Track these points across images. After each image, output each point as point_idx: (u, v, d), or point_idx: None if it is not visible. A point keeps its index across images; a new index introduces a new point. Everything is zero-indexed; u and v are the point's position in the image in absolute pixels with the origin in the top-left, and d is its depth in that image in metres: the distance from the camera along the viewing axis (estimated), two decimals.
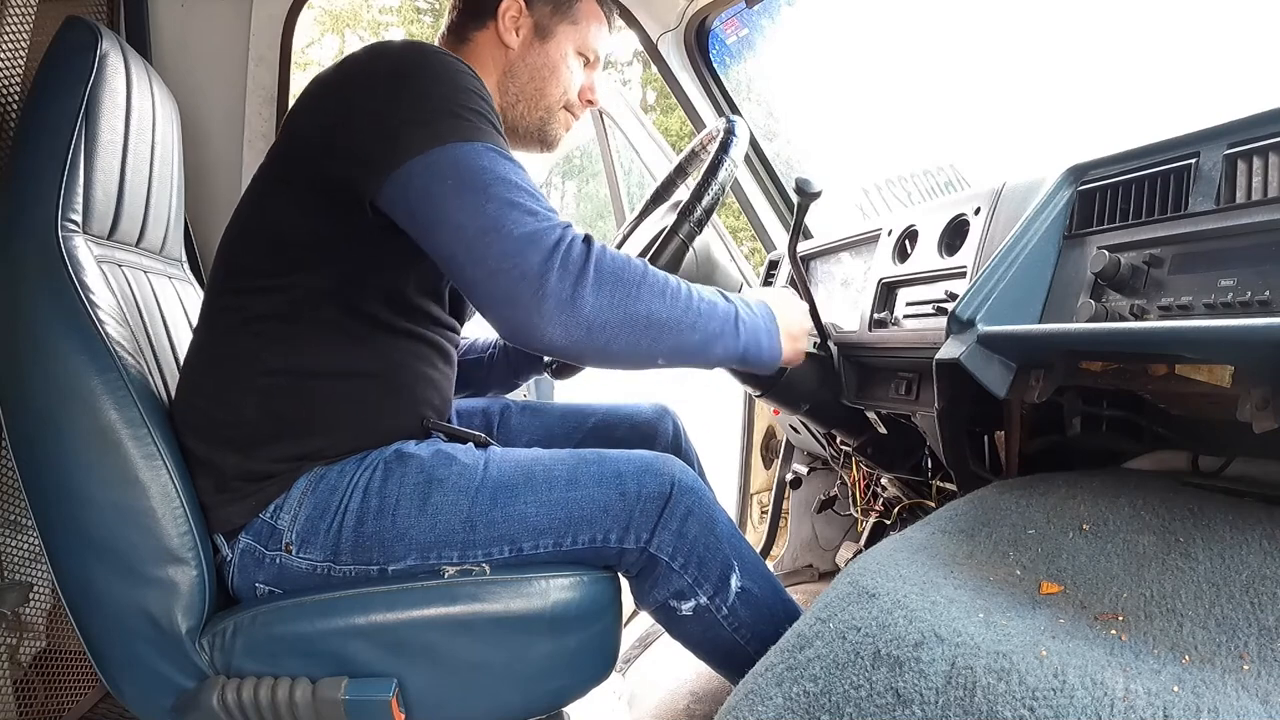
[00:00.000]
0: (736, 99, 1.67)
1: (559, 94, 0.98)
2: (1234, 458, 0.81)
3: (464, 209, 0.68)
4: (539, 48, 0.96)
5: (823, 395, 1.13)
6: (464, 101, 0.74)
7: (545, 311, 0.68)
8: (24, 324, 0.76)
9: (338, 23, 11.32)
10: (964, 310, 0.77)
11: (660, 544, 0.81)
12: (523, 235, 0.67)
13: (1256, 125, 0.66)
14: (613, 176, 2.05)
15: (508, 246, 0.67)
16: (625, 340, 0.72)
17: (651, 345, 0.74)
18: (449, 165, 0.70)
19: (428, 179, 0.70)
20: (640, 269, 0.73)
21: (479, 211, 0.68)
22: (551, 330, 0.69)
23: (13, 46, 0.91)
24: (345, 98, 0.77)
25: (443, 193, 0.69)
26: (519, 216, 0.68)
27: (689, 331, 0.75)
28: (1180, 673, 0.47)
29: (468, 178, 0.69)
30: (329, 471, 0.81)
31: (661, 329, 0.73)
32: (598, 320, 0.69)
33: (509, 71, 0.96)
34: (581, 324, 0.69)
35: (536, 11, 0.96)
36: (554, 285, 0.67)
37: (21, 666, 0.97)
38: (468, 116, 0.73)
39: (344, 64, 0.81)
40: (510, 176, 0.70)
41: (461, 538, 0.79)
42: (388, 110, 0.73)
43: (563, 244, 0.69)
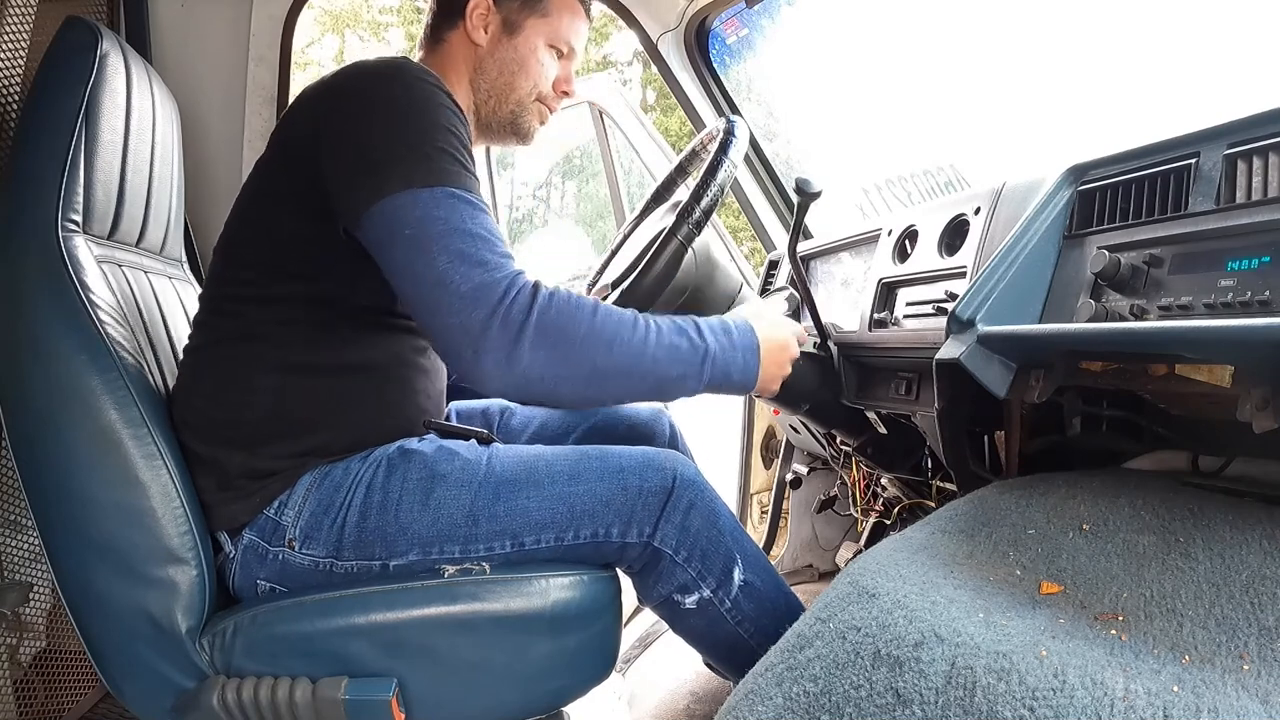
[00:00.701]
0: (736, 99, 1.67)
1: (529, 88, 0.98)
2: (1234, 458, 0.81)
3: (418, 260, 0.71)
4: (507, 43, 0.96)
5: (823, 395, 1.13)
6: (435, 139, 0.75)
7: (484, 366, 0.71)
8: (24, 324, 0.76)
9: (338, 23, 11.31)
10: (964, 310, 0.77)
11: (664, 537, 0.81)
12: (468, 291, 0.70)
13: (1256, 125, 0.66)
14: (613, 176, 2.05)
15: (454, 302, 0.70)
16: (567, 392, 0.74)
17: (597, 394, 0.76)
18: (408, 213, 0.72)
19: (389, 226, 0.72)
20: (587, 321, 0.73)
21: (431, 264, 0.70)
22: (491, 384, 0.72)
23: (13, 46, 0.91)
24: (329, 120, 0.78)
25: (400, 242, 0.72)
26: (467, 270, 0.70)
27: (639, 380, 0.76)
28: (1180, 673, 0.47)
29: (424, 228, 0.71)
30: (334, 468, 0.81)
31: (606, 380, 0.75)
32: (535, 375, 0.72)
33: (479, 68, 0.97)
34: (519, 379, 0.72)
35: (504, 7, 0.96)
36: (493, 342, 0.70)
37: (21, 666, 0.97)
38: (435, 157, 0.74)
39: (331, 82, 0.82)
40: (465, 225, 0.72)
41: (464, 532, 0.79)
42: (362, 145, 0.75)
43: (506, 299, 0.70)
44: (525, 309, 0.71)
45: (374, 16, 11.65)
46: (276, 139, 0.84)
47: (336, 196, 0.76)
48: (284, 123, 0.83)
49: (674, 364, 0.77)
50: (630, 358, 0.74)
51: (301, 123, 0.81)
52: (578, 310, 0.73)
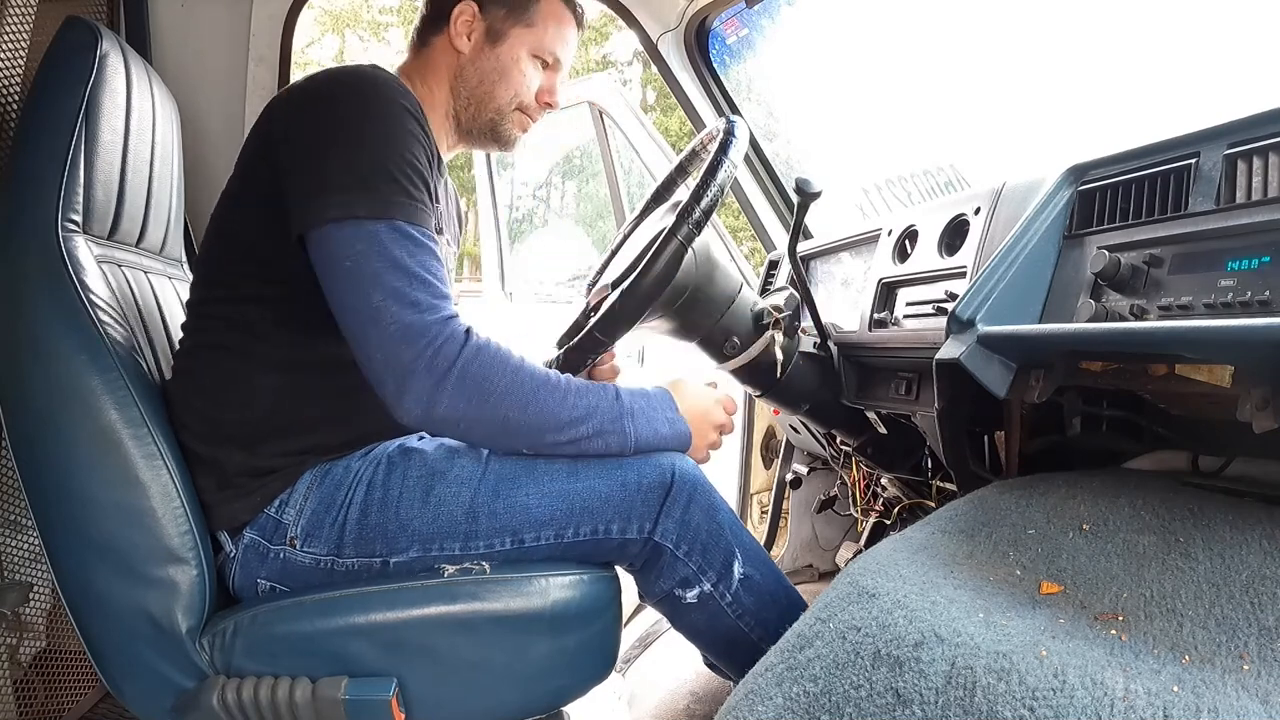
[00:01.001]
0: (736, 99, 1.67)
1: (509, 97, 0.98)
2: (1234, 458, 0.81)
3: (354, 293, 0.73)
4: (489, 52, 0.96)
5: (823, 395, 1.13)
6: (390, 166, 0.75)
7: (403, 405, 0.74)
8: (24, 324, 0.76)
9: (338, 23, 11.31)
10: (964, 310, 0.77)
11: (664, 532, 0.81)
12: (398, 331, 0.72)
13: (1256, 125, 0.66)
14: (613, 176, 2.05)
15: (383, 339, 0.72)
16: (480, 436, 0.79)
17: (510, 443, 0.80)
18: (350, 244, 0.73)
19: (331, 253, 0.74)
20: (509, 377, 0.75)
21: (365, 299, 0.72)
22: (409, 421, 0.75)
23: (13, 46, 0.91)
24: (293, 127, 0.79)
25: (339, 272, 0.73)
26: (399, 311, 0.72)
27: (551, 434, 0.79)
28: (1180, 673, 0.47)
29: (363, 262, 0.72)
30: (334, 466, 0.82)
31: (516, 433, 0.78)
32: (451, 418, 0.75)
33: (460, 75, 0.97)
34: (435, 420, 0.75)
35: (490, 15, 0.95)
36: (415, 384, 0.73)
37: (21, 666, 0.97)
38: (386, 188, 0.74)
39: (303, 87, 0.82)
40: (405, 262, 0.73)
41: (464, 529, 0.79)
42: (318, 161, 0.75)
43: (434, 344, 0.72)
44: (452, 357, 0.73)
45: (374, 16, 11.65)
46: (253, 139, 0.83)
47: (294, 206, 0.76)
48: (258, 125, 0.83)
49: (589, 423, 0.80)
50: (543, 416, 0.77)
51: (272, 128, 0.81)
52: (502, 365, 0.76)
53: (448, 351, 0.73)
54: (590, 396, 0.80)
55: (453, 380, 0.73)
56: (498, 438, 0.79)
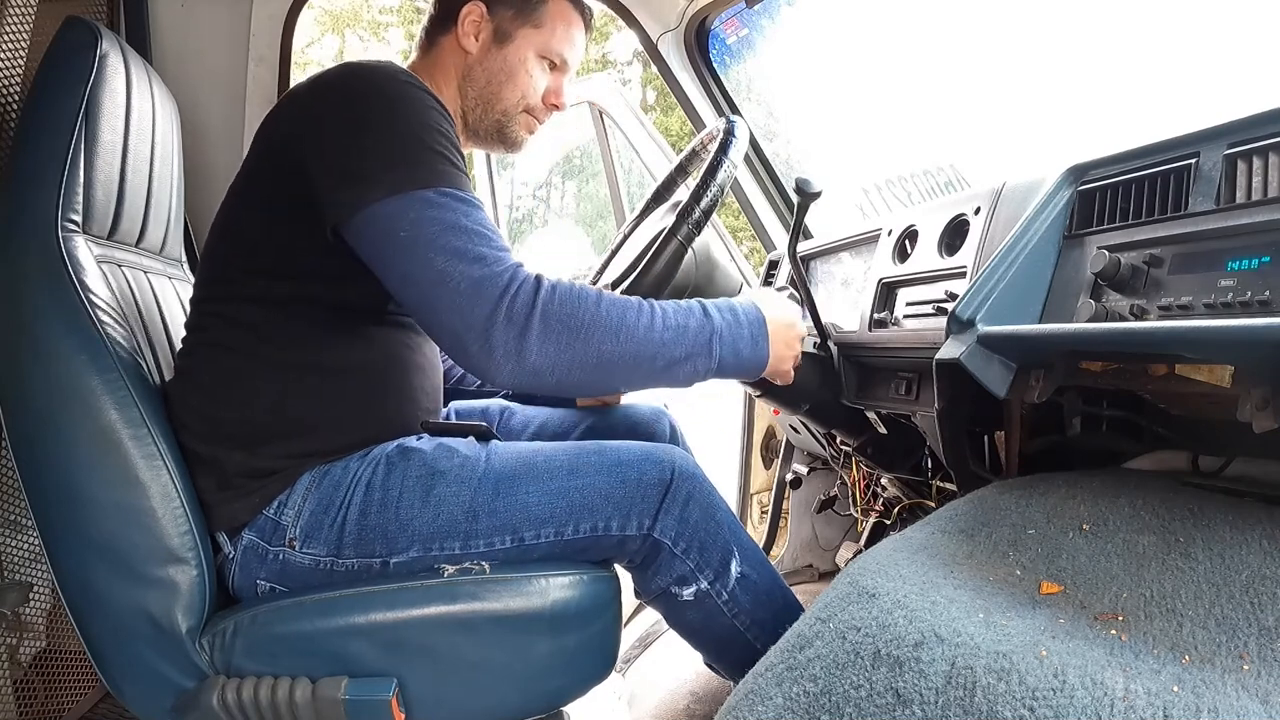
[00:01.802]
0: (736, 99, 1.67)
1: (516, 98, 0.98)
2: (1234, 458, 0.81)
3: (414, 261, 0.71)
4: (497, 52, 0.96)
5: (823, 395, 1.13)
6: (426, 140, 0.75)
7: (493, 362, 0.70)
8: (24, 324, 0.76)
9: (338, 23, 11.31)
10: (964, 310, 0.77)
11: (663, 529, 0.82)
12: (468, 288, 0.70)
13: (1256, 125, 0.66)
14: (613, 176, 2.05)
15: (455, 300, 0.70)
16: (576, 381, 0.74)
17: (605, 382, 0.76)
18: (402, 216, 0.71)
19: (382, 228, 0.72)
20: (591, 309, 0.73)
21: (428, 264, 0.70)
22: (500, 378, 0.72)
23: (13, 46, 0.91)
24: (315, 121, 0.78)
25: (396, 245, 0.71)
26: (465, 268, 0.70)
27: (647, 364, 0.75)
28: (1180, 673, 0.47)
29: (419, 229, 0.71)
30: (333, 467, 0.82)
31: (614, 367, 0.74)
32: (544, 367, 0.72)
33: (467, 75, 0.97)
34: (528, 371, 0.71)
35: (498, 16, 0.95)
36: (499, 338, 0.70)
37: (21, 666, 0.97)
38: (427, 159, 0.74)
39: (319, 84, 0.81)
40: (460, 222, 0.72)
41: (464, 528, 0.79)
42: (353, 146, 0.74)
43: (508, 293, 0.70)
44: (529, 302, 0.70)
45: (374, 16, 11.65)
46: (263, 138, 0.83)
47: (324, 199, 0.75)
48: (270, 121, 0.83)
49: (681, 345, 0.76)
50: (637, 343, 0.74)
51: (288, 122, 0.81)
52: (581, 300, 0.73)
53: (524, 297, 0.70)
54: (680, 316, 0.78)
55: (536, 325, 0.70)
56: (597, 376, 0.75)
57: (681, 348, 0.76)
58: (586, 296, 0.74)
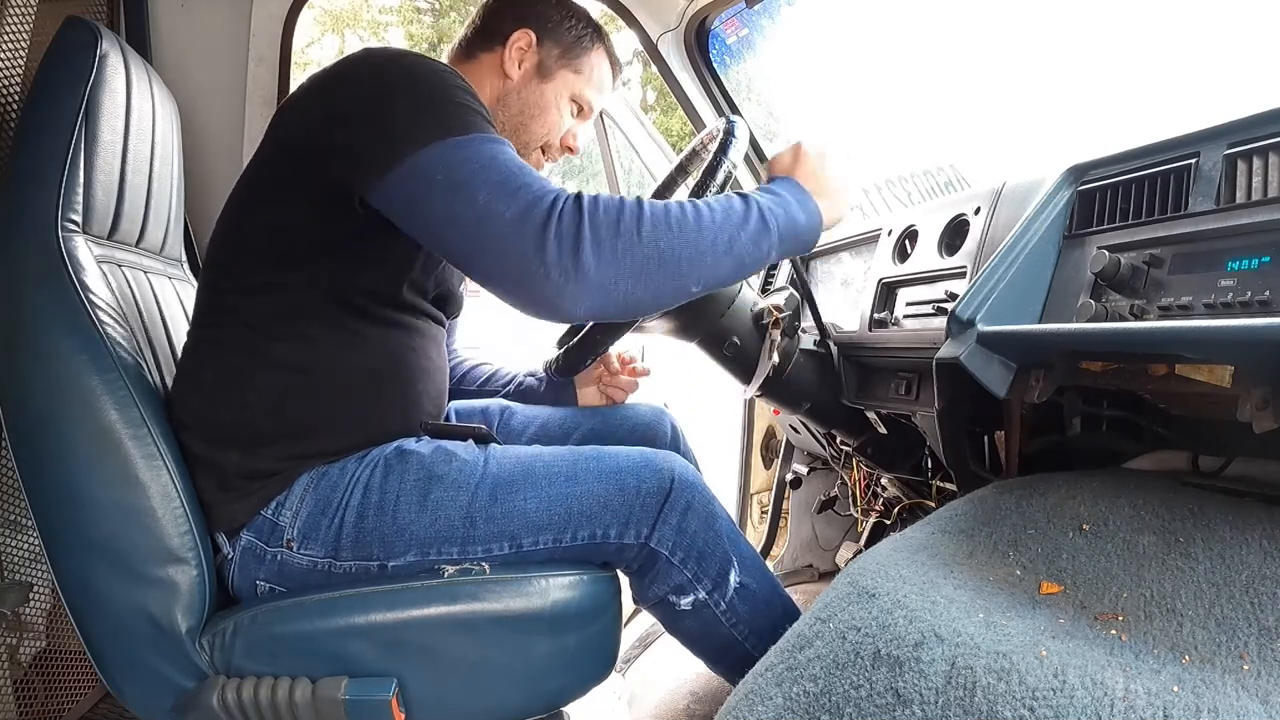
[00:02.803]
0: (736, 99, 1.67)
1: (541, 134, 0.99)
2: (1234, 458, 0.81)
3: (458, 202, 0.69)
4: (536, 85, 0.97)
5: (823, 395, 1.13)
6: (450, 96, 0.75)
7: (554, 287, 0.67)
8: (24, 324, 0.76)
9: (338, 23, 11.30)
10: (964, 310, 0.77)
11: (660, 539, 0.81)
12: (514, 216, 0.67)
13: (1256, 125, 0.66)
14: (613, 176, 2.05)
15: (503, 229, 0.67)
16: (646, 287, 0.70)
17: (676, 281, 0.71)
18: (438, 162, 0.70)
19: (420, 178, 0.70)
20: (635, 209, 0.70)
21: (471, 202, 0.68)
22: (567, 304, 0.68)
23: (13, 46, 0.91)
24: (336, 99, 0.78)
25: (435, 189, 0.69)
26: (508, 199, 0.68)
27: (710, 250, 0.72)
28: (1180, 673, 0.47)
29: (457, 171, 0.69)
30: (330, 469, 0.81)
31: (679, 262, 0.71)
32: (608, 279, 0.68)
33: (501, 100, 0.97)
34: (593, 288, 0.68)
35: (545, 50, 0.96)
36: (553, 259, 0.67)
37: (21, 666, 0.96)
38: (453, 111, 0.74)
39: (336, 67, 0.81)
40: (498, 158, 0.71)
41: (461, 534, 0.79)
42: (379, 110, 0.74)
43: (554, 214, 0.68)
44: (575, 218, 0.68)
45: (374, 16, 11.64)
46: (276, 129, 0.82)
47: (354, 167, 0.74)
48: (284, 112, 0.82)
49: (733, 225, 0.73)
50: (693, 231, 0.71)
51: (306, 109, 0.80)
52: (623, 208, 0.70)
53: (569, 214, 0.68)
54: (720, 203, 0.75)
55: (587, 238, 0.67)
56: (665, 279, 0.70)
57: (736, 227, 0.73)
58: (628, 205, 0.71)
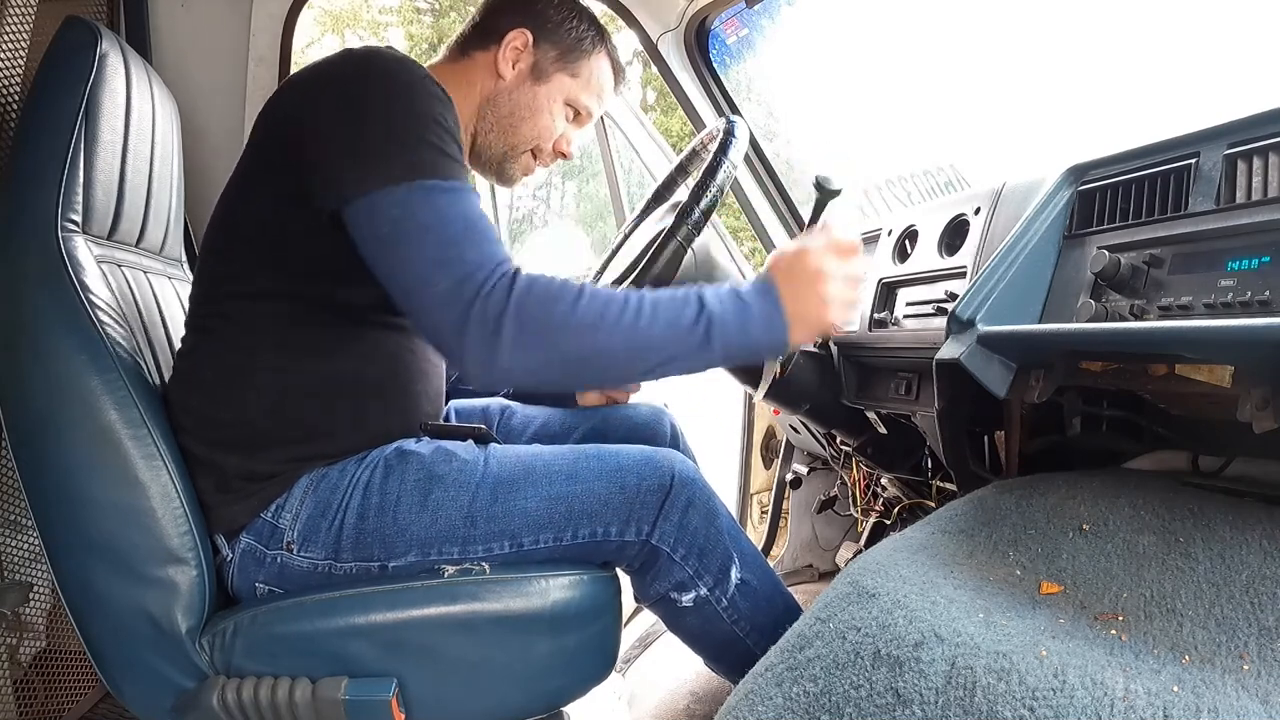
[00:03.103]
0: (736, 99, 1.67)
1: (531, 137, 0.97)
2: (1234, 458, 0.81)
3: (397, 258, 0.70)
4: (529, 87, 0.95)
5: (823, 395, 1.13)
6: (421, 130, 0.74)
7: (467, 364, 0.70)
8: (24, 324, 0.76)
9: (338, 23, 11.29)
10: (964, 310, 0.77)
11: (662, 535, 0.81)
12: (444, 290, 0.69)
13: (1256, 125, 0.66)
14: (613, 176, 2.05)
15: (432, 302, 0.69)
16: (555, 379, 0.73)
17: (587, 380, 0.75)
18: (388, 209, 0.70)
19: (369, 224, 0.71)
20: (568, 306, 0.70)
21: (408, 265, 0.70)
22: (479, 379, 0.71)
23: (13, 46, 0.91)
24: (314, 107, 0.77)
25: (379, 241, 0.71)
26: (442, 269, 0.69)
27: (634, 361, 0.72)
28: (1180, 673, 0.47)
29: (401, 226, 0.70)
30: (330, 470, 0.81)
31: (592, 365, 0.72)
32: (518, 368, 0.70)
33: (492, 99, 0.95)
34: (501, 372, 0.70)
35: (541, 51, 0.94)
36: (471, 341, 0.69)
37: (21, 666, 0.96)
38: (419, 150, 0.73)
39: (316, 69, 0.80)
40: (445, 217, 0.71)
41: (462, 533, 0.79)
42: (350, 133, 0.74)
43: (482, 293, 0.69)
44: (501, 302, 0.69)
45: (374, 16, 11.64)
46: (261, 127, 0.82)
47: (322, 185, 0.74)
48: (269, 110, 0.82)
49: (672, 342, 0.72)
50: (620, 341, 0.71)
51: (286, 109, 0.80)
52: (558, 297, 0.70)
53: (496, 297, 0.69)
54: (671, 309, 0.73)
55: (508, 327, 0.68)
56: (575, 375, 0.73)
57: (674, 344, 0.72)
58: (565, 294, 0.71)
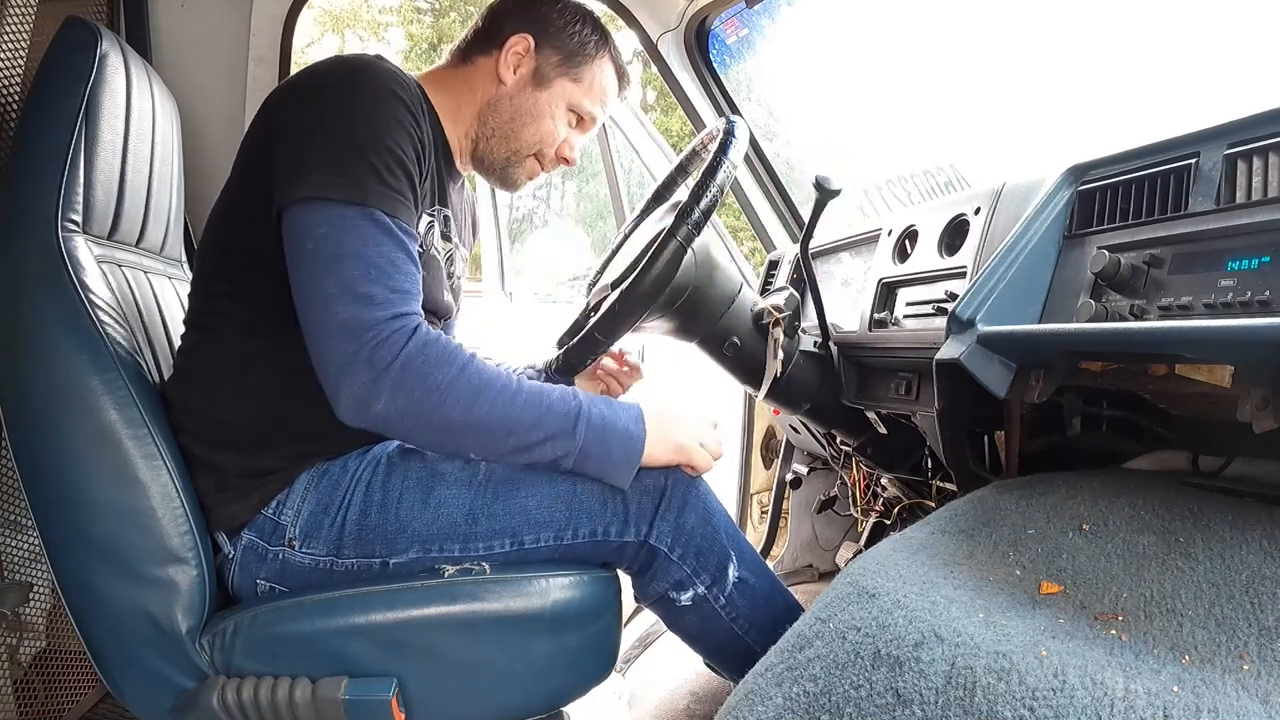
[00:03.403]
0: (736, 99, 1.67)
1: (532, 142, 0.96)
2: (1234, 458, 0.81)
3: (311, 276, 0.71)
4: (531, 93, 0.94)
5: (823, 395, 1.13)
6: (370, 153, 0.73)
7: (342, 399, 0.71)
8: (24, 324, 0.76)
9: (338, 23, 11.29)
10: (964, 310, 0.77)
11: (659, 535, 0.81)
12: (343, 322, 0.70)
13: (1256, 125, 0.66)
14: (613, 176, 2.05)
15: (328, 329, 0.70)
16: (423, 438, 0.76)
17: (452, 446, 0.76)
18: (315, 227, 0.71)
19: (297, 232, 0.72)
20: (453, 374, 0.72)
21: (319, 286, 0.71)
22: (348, 416, 0.72)
23: (13, 46, 0.91)
24: (287, 109, 0.78)
25: (300, 253, 0.72)
26: (348, 303, 0.70)
27: (498, 439, 0.75)
28: (1180, 673, 0.47)
29: (326, 246, 0.71)
30: (331, 467, 0.81)
31: (460, 434, 0.74)
32: (391, 419, 0.72)
33: (493, 104, 0.94)
34: (374, 419, 0.72)
35: (543, 56, 0.93)
36: (354, 378, 0.70)
37: (21, 666, 0.96)
38: (362, 173, 0.72)
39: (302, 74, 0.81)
40: (367, 251, 0.71)
41: (463, 531, 0.79)
42: (300, 141, 0.74)
43: (376, 338, 0.70)
44: (394, 352, 0.70)
45: (374, 16, 11.64)
46: (252, 130, 0.83)
47: (274, 184, 0.75)
48: (260, 114, 0.83)
49: (539, 426, 0.75)
50: (491, 416, 0.73)
51: (272, 112, 0.80)
52: (447, 362, 0.72)
53: (390, 346, 0.70)
54: (545, 397, 0.76)
55: (392, 376, 0.70)
56: (441, 439, 0.75)
57: (540, 429, 0.75)
58: (454, 361, 0.73)
